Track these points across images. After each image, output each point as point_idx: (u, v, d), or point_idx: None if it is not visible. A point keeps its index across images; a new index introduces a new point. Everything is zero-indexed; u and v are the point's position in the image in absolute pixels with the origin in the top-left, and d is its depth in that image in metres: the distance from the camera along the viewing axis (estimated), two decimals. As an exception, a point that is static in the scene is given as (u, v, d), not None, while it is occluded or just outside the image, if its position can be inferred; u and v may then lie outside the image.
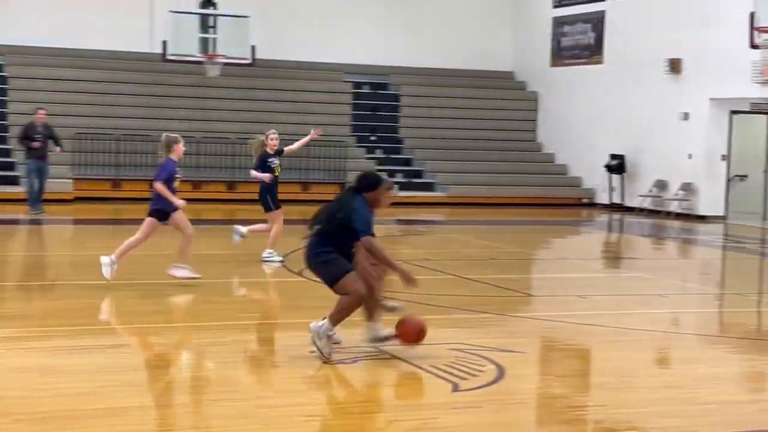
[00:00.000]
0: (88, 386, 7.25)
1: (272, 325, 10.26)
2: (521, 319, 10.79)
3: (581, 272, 14.74)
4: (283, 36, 28.07)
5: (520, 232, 20.84)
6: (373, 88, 29.60)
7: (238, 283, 12.79)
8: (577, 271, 14.86)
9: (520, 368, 8.24)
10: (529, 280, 14.32)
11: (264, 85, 27.74)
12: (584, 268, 15.30)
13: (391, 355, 8.44)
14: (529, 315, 11.11)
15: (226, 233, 15.80)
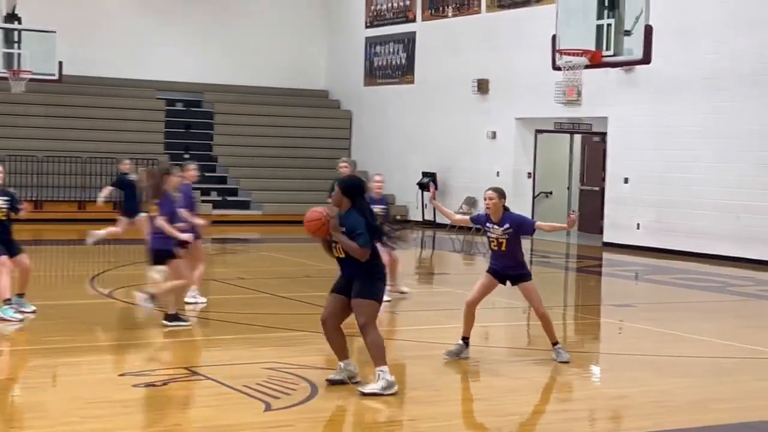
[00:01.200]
0: None
1: (78, 349, 9.99)
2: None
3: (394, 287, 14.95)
4: (94, 53, 27.47)
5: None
6: (187, 105, 29.29)
7: (44, 306, 12.38)
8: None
9: (333, 386, 8.30)
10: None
11: (74, 102, 27.02)
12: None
13: (204, 376, 8.36)
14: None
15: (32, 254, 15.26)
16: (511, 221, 9.45)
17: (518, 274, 9.57)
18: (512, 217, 9.52)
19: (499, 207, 9.45)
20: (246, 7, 29.81)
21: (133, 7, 28.45)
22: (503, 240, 9.45)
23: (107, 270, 15.76)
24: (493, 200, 9.44)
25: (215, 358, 9.37)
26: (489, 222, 9.51)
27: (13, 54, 22.23)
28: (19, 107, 25.85)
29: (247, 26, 29.71)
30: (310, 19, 30.73)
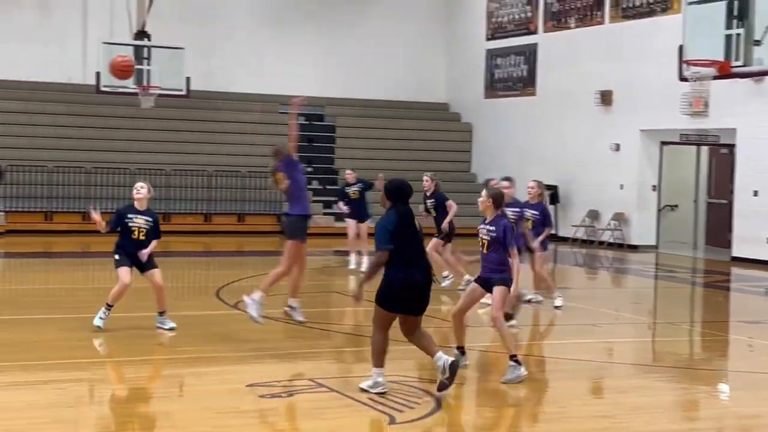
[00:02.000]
0: (19, 424, 7.15)
1: (206, 359, 10.18)
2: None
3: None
4: (218, 68, 28.04)
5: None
6: (309, 119, 29.65)
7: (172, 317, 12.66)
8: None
9: (456, 399, 8.29)
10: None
11: (199, 117, 27.65)
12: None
13: (329, 387, 8.44)
14: (467, 346, 11.15)
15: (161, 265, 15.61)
16: (499, 226, 9.12)
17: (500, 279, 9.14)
18: (503, 223, 9.17)
19: (490, 208, 9.17)
20: (367, 21, 30.07)
21: (257, 23, 28.98)
22: (485, 241, 9.17)
23: (233, 281, 16.04)
24: (482, 200, 9.25)
25: (340, 370, 9.45)
26: (483, 221, 9.32)
27: (143, 70, 22.87)
28: (148, 122, 26.58)
29: (368, 40, 29.94)
30: (431, 32, 30.81)
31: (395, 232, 8.11)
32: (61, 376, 8.89)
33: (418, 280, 8.13)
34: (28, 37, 26.43)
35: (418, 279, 8.13)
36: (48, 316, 12.38)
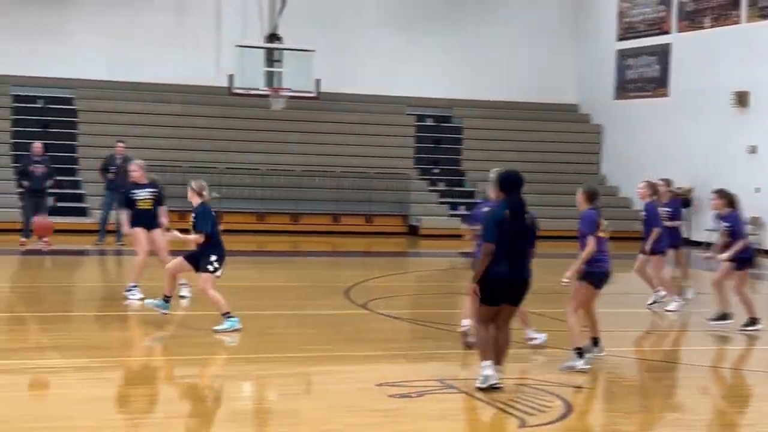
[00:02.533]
0: (157, 417, 7.33)
1: (336, 357, 10.27)
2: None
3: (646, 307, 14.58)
4: (347, 69, 28.27)
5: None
6: (436, 120, 29.68)
7: (301, 316, 12.82)
8: (642, 305, 14.68)
9: (587, 404, 8.18)
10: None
11: (328, 118, 27.94)
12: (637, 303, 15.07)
13: (458, 389, 8.42)
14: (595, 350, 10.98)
15: (289, 265, 15.89)
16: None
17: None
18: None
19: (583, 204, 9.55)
20: (494, 21, 29.91)
21: (385, 26, 29.13)
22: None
23: (362, 282, 16.16)
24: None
25: (471, 372, 9.41)
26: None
27: (274, 72, 23.25)
28: (279, 123, 27.00)
29: (496, 40, 29.77)
30: (559, 33, 30.47)
31: (500, 225, 8.16)
32: (197, 372, 9.09)
33: (512, 276, 8.22)
34: (162, 40, 27.14)
35: (512, 275, 8.21)
36: (183, 313, 12.69)
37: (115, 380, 8.71)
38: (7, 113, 25.80)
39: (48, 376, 8.60)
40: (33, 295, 14.11)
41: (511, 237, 8.20)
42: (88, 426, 7.01)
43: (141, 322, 11.80)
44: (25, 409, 7.28)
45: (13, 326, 11.40)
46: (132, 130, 25.71)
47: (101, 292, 14.96)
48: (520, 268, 8.28)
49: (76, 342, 10.50)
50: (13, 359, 9.22)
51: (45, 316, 12.01)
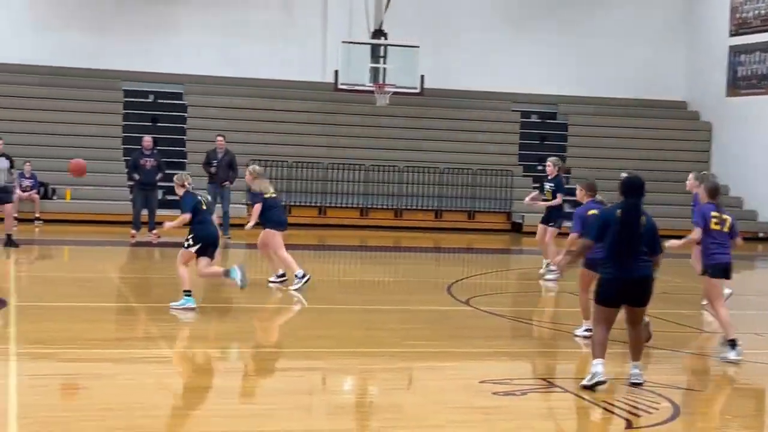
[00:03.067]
0: (262, 408, 7.41)
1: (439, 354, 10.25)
2: (695, 356, 10.47)
3: (758, 309, 14.23)
4: (452, 65, 28.18)
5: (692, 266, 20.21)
6: (542, 117, 29.41)
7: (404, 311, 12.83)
8: (753, 308, 14.33)
9: (695, 407, 8.01)
10: (702, 316, 13.87)
11: (432, 114, 27.93)
12: (761, 304, 14.73)
13: (563, 388, 8.32)
14: (704, 352, 10.77)
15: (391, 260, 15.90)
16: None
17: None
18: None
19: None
20: (602, 16, 29.49)
21: (491, 20, 28.96)
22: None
23: (464, 278, 16.11)
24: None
25: (575, 372, 9.30)
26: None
27: (380, 68, 23.33)
28: (383, 119, 27.08)
29: (603, 36, 29.33)
30: (668, 29, 29.87)
31: (607, 225, 8.35)
32: (299, 365, 9.17)
33: (626, 278, 8.25)
34: (269, 37, 27.45)
35: (622, 275, 8.24)
36: (287, 306, 12.82)
37: (221, 371, 8.84)
38: (119, 108, 26.41)
39: (156, 365, 8.77)
40: (142, 286, 14.42)
41: (621, 238, 8.28)
42: (194, 415, 7.13)
43: (245, 314, 11.95)
44: (134, 398, 7.43)
45: (123, 316, 11.66)
46: (238, 126, 26.10)
47: (208, 284, 15.19)
48: (631, 269, 8.25)
49: (183, 332, 10.70)
50: (122, 348, 9.42)
51: (153, 306, 12.26)
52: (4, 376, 7.85)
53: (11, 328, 9.88)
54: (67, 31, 26.35)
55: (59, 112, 25.72)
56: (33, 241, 20.12)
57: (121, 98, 26.62)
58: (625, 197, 8.43)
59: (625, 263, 8.24)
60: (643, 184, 8.55)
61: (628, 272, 8.25)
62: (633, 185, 8.47)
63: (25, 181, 22.80)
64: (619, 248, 8.26)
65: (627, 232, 8.27)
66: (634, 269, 8.27)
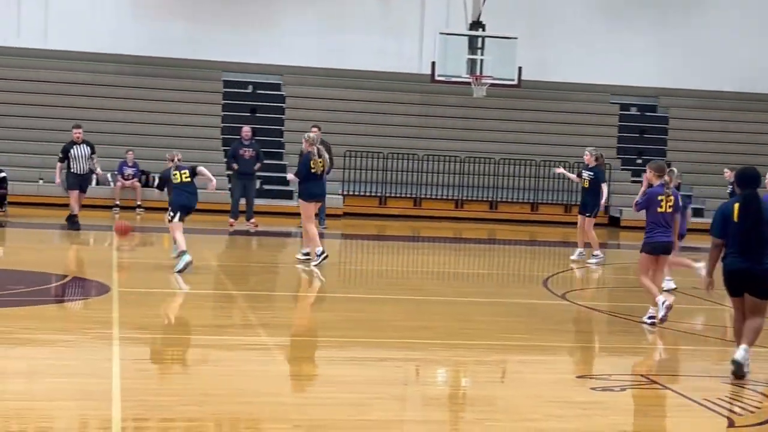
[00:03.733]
0: (358, 397, 7.45)
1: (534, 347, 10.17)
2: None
3: None
4: (549, 57, 27.95)
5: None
6: (641, 110, 28.96)
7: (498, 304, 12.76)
8: None
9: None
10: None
11: (528, 106, 27.73)
12: None
13: (662, 385, 8.20)
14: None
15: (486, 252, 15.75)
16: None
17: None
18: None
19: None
20: (704, 7, 28.89)
21: (590, 11, 28.61)
22: None
23: (560, 272, 15.97)
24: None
25: (675, 369, 9.15)
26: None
27: (477, 60, 23.23)
28: (479, 111, 26.98)
29: (706, 27, 28.74)
30: (776, 20, 29.14)
31: (727, 218, 8.42)
32: (396, 355, 9.20)
33: (740, 267, 8.32)
34: (367, 29, 27.55)
35: (741, 266, 8.32)
36: (383, 296, 12.87)
37: (316, 359, 8.91)
38: (218, 98, 26.80)
39: (254, 352, 8.89)
40: (240, 274, 14.63)
41: (740, 230, 8.35)
42: (292, 402, 7.20)
43: (341, 303, 12.04)
44: (233, 384, 7.54)
45: (222, 303, 11.84)
46: (335, 116, 26.28)
47: (302, 273, 15.35)
48: (752, 260, 8.34)
49: (280, 320, 10.82)
50: (221, 335, 9.57)
51: (251, 294, 12.42)
52: (108, 359, 8.04)
53: (114, 313, 10.11)
54: (168, 22, 26.84)
55: (160, 102, 26.22)
56: (134, 228, 20.55)
57: (221, 89, 27.01)
58: (742, 189, 8.52)
59: (748, 254, 8.32)
60: (758, 174, 8.60)
61: (750, 263, 8.32)
62: (748, 176, 8.55)
63: (127, 170, 23.30)
64: (740, 239, 8.34)
65: (748, 222, 8.32)
66: (755, 260, 8.33)
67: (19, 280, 12.34)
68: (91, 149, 18.69)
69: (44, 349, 8.49)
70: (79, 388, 7.20)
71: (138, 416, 6.52)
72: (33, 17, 26.38)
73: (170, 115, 26.04)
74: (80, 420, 6.44)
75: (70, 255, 15.85)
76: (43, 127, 24.87)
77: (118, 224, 15.11)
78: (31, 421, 6.34)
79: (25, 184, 22.81)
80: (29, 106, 25.37)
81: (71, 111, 24.59)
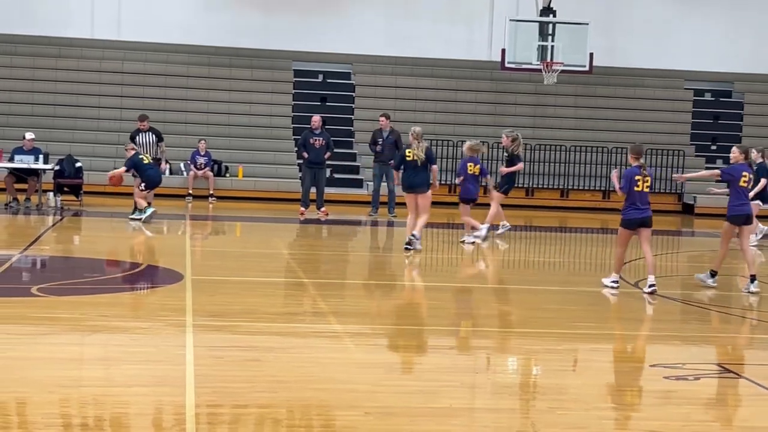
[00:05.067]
0: (428, 385, 7.46)
1: (606, 336, 10.09)
2: None
3: None
4: (621, 43, 27.63)
5: None
6: (716, 95, 28.50)
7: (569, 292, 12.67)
8: None
9: None
10: None
11: (601, 93, 27.46)
12: None
13: (738, 374, 8.08)
14: None
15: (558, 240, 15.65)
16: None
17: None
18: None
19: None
20: (783, -8, 28.34)
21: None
22: None
23: (633, 260, 15.79)
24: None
25: (751, 358, 9.01)
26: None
27: (547, 46, 23.06)
28: (549, 98, 26.78)
29: (784, 12, 28.18)
30: None
31: None
32: (466, 343, 9.19)
33: None
34: (436, 16, 27.49)
35: None
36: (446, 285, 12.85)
37: (387, 347, 8.94)
38: (289, 87, 26.97)
39: (326, 340, 8.95)
40: (311, 262, 14.72)
41: None
42: (362, 389, 7.23)
43: (410, 292, 12.05)
44: (305, 371, 7.60)
45: (293, 291, 11.93)
46: (405, 105, 26.30)
47: (373, 261, 15.40)
48: None
49: (351, 308, 10.87)
50: (293, 323, 9.65)
51: (322, 282, 12.50)
52: (182, 346, 8.16)
53: (187, 301, 10.25)
54: (238, 11, 27.07)
55: (231, 92, 26.46)
56: (207, 216, 20.81)
57: (291, 78, 27.17)
58: None
59: None
60: None
61: None
62: None
63: (199, 159, 23.57)
64: None
65: None
66: None
67: (95, 269, 12.56)
68: (158, 137, 18.93)
69: (119, 336, 8.64)
70: (154, 374, 7.32)
71: (211, 402, 6.61)
72: (107, 9, 26.80)
73: (241, 104, 26.29)
74: (155, 406, 6.55)
75: (145, 243, 16.10)
76: (117, 117, 25.29)
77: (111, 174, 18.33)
78: (107, 407, 6.46)
79: (100, 174, 23.22)
80: (103, 97, 25.81)
81: (144, 101, 24.98)
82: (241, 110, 26.15)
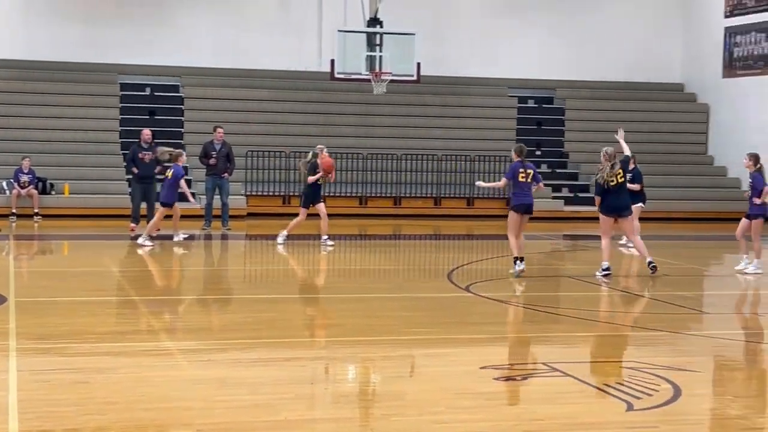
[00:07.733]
0: (264, 398, 7.43)
1: (440, 341, 10.26)
2: (695, 337, 10.49)
3: (758, 289, 14.26)
4: (447, 52, 28.18)
5: (691, 248, 20.29)
6: (538, 102, 29.39)
7: (404, 299, 12.84)
8: (752, 288, 14.37)
9: (695, 388, 8.02)
10: (702, 297, 13.92)
11: (429, 102, 27.92)
12: (761, 284, 14.75)
13: (563, 372, 8.34)
14: (703, 333, 10.80)
15: (391, 248, 15.87)
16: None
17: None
18: None
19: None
20: (596, 1, 29.46)
21: (486, 7, 28.92)
22: None
23: (464, 264, 16.12)
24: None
25: (574, 355, 9.32)
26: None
27: (376, 56, 23.30)
28: (381, 107, 27.06)
29: (599, 20, 29.30)
30: (665, 11, 29.83)
31: None
32: (302, 354, 9.19)
33: None
34: (265, 28, 27.43)
35: None
36: (287, 296, 12.84)
37: (221, 362, 8.85)
38: (116, 101, 26.39)
39: (157, 358, 8.79)
40: (142, 279, 14.44)
41: None
42: (197, 407, 7.14)
43: (248, 305, 11.97)
44: (136, 391, 7.45)
45: (124, 309, 11.67)
46: (236, 117, 26.11)
47: (206, 276, 15.22)
48: None
49: (184, 325, 10.71)
50: (123, 342, 9.44)
51: (154, 299, 12.27)
52: (5, 371, 7.87)
53: (11, 323, 9.89)
54: (62, 25, 26.34)
55: (56, 107, 25.70)
56: (32, 236, 20.15)
57: (118, 92, 26.60)
58: None
59: None
60: None
61: None
62: None
63: (23, 177, 22.80)
64: None
65: None
66: None
67: None
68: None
69: (-61, 364, 8.26)
70: (-24, 402, 7.04)
71: (37, 428, 6.39)
72: None
73: (67, 120, 25.56)
74: (-23, 435, 6.29)
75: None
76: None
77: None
78: (-75, 439, 6.17)
79: None
80: None
81: (-37, 118, 23.97)
82: (66, 125, 25.43)
